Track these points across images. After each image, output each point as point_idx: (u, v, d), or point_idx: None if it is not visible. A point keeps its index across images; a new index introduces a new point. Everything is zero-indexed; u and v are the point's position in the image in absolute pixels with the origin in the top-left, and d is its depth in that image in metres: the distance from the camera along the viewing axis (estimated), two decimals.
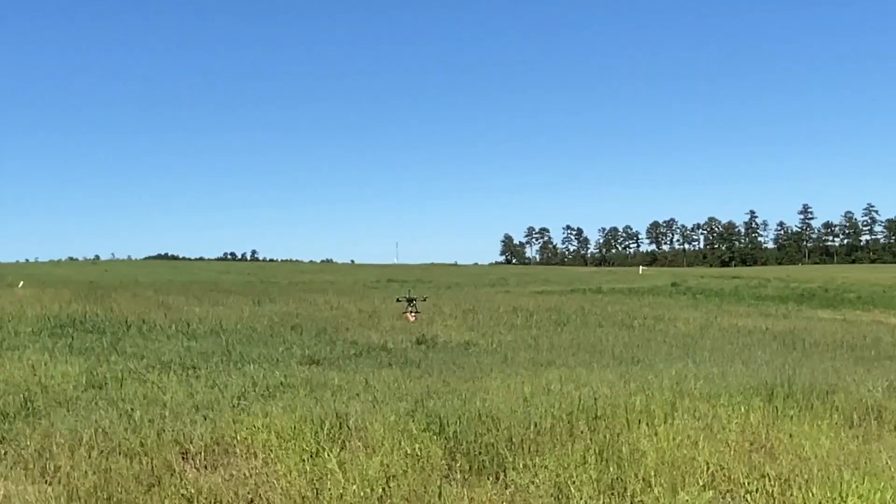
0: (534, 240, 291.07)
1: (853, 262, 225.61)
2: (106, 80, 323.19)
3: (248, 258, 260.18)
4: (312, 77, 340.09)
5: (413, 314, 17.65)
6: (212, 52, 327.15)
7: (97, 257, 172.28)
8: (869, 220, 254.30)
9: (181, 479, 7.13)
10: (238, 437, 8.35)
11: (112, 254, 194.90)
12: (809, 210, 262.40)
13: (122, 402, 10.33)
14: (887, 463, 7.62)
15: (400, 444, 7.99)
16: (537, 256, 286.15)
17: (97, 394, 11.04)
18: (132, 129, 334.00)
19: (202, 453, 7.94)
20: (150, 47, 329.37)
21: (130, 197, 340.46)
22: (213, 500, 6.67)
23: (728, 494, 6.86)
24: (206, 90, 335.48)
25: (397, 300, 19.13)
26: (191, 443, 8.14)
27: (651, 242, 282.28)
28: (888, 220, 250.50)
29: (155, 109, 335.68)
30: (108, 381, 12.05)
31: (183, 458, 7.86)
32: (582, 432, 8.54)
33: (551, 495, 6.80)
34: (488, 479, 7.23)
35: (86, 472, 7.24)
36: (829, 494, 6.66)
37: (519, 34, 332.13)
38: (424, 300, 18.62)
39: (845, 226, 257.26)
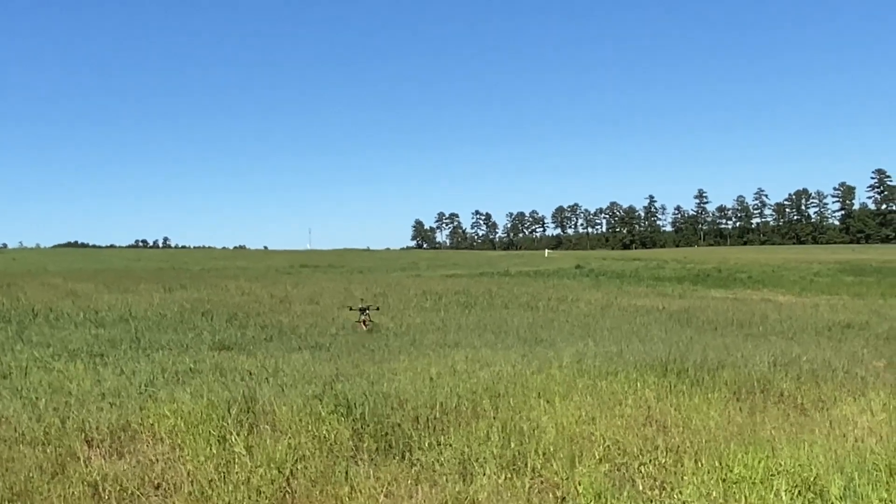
0: (444, 225, 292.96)
1: (745, 243, 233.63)
2: (7, 67, 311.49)
3: (161, 245, 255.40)
4: (223, 65, 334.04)
5: (366, 323, 17.44)
6: (118, 39, 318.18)
7: (4, 246, 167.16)
8: (759, 204, 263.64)
9: (86, 467, 6.93)
10: (145, 424, 8.17)
11: (20, 242, 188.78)
12: (704, 195, 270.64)
13: (27, 390, 9.99)
14: (771, 433, 7.88)
15: (308, 426, 7.93)
16: (447, 241, 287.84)
17: (0, 383, 10.66)
18: (39, 117, 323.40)
19: (108, 440, 7.73)
20: (54, 34, 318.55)
21: (39, 184, 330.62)
22: (118, 487, 6.50)
23: (623, 466, 6.98)
24: (114, 78, 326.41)
25: (349, 308, 18.82)
26: (96, 430, 7.92)
27: (556, 226, 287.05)
28: (777, 204, 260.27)
29: (61, 96, 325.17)
30: (13, 370, 11.68)
31: (88, 445, 7.64)
32: (486, 411, 8.61)
33: (456, 472, 6.82)
34: (395, 458, 7.23)
35: None
36: (716, 464, 6.83)
37: (424, 24, 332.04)
38: (377, 309, 18.41)
39: (738, 209, 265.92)
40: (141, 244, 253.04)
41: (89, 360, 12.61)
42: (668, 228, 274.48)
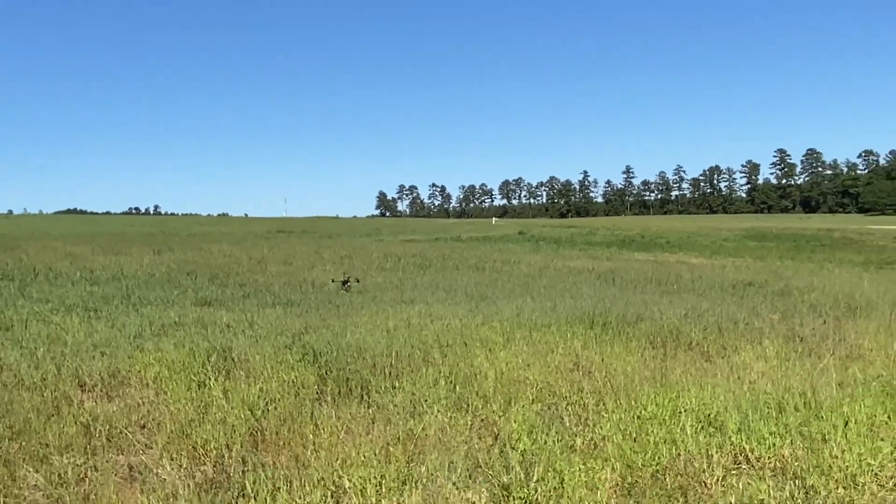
0: (404, 196, 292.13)
1: (665, 213, 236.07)
2: (9, 38, 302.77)
3: (152, 212, 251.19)
4: (209, 41, 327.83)
5: (347, 287, 17.22)
6: (111, 9, 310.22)
7: (10, 212, 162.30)
8: (678, 179, 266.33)
9: (79, 409, 6.84)
10: (133, 371, 8.07)
11: (24, 208, 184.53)
12: (631, 170, 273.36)
13: (27, 341, 9.79)
14: (680, 377, 8.01)
15: (278, 373, 7.89)
16: (407, 210, 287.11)
17: (3, 335, 10.43)
18: (44, 91, 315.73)
19: (99, 385, 7.63)
20: (48, 9, 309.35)
21: (43, 154, 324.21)
22: (108, 426, 6.42)
23: (552, 406, 7.06)
24: (110, 53, 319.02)
25: (332, 281, 18.58)
26: (89, 376, 7.81)
27: (503, 198, 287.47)
28: (693, 179, 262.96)
29: (64, 74, 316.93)
30: (15, 323, 11.42)
31: (81, 390, 7.54)
32: (435, 359, 8.63)
33: (408, 412, 6.84)
34: (354, 400, 7.23)
35: None
36: (632, 403, 6.94)
37: (390, 10, 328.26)
38: (357, 282, 18.22)
39: (659, 183, 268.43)
40: (134, 211, 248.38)
41: (84, 314, 12.37)
42: (600, 200, 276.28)
